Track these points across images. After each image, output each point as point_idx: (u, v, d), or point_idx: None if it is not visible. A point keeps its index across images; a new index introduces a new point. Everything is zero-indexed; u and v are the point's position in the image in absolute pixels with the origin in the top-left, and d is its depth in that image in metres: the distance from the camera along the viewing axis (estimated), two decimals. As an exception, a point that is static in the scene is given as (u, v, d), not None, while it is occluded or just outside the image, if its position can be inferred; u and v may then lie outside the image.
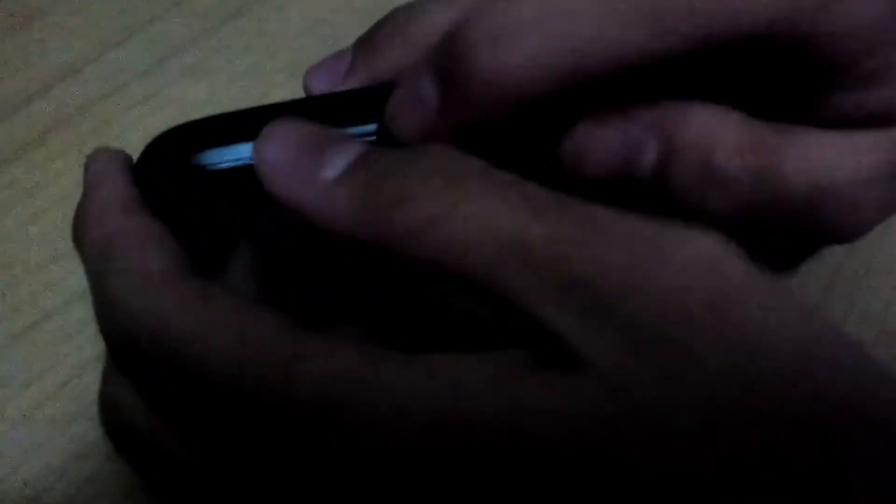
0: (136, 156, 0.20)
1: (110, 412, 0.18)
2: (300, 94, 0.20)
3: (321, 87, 0.20)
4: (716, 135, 0.18)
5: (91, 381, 0.23)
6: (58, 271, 0.25)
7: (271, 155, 0.16)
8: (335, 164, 0.16)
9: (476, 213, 0.14)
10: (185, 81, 0.28)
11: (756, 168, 0.18)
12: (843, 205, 0.18)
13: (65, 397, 0.23)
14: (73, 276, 0.25)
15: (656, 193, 0.19)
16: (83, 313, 0.24)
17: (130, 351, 0.17)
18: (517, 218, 0.14)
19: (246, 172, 0.17)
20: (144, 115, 0.27)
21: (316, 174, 0.16)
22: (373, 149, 0.16)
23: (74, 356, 0.24)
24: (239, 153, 0.17)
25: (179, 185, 0.18)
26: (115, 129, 0.27)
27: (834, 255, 0.24)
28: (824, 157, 0.18)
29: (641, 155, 0.18)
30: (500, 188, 0.14)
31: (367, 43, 0.20)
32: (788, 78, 0.18)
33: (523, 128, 0.18)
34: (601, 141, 0.18)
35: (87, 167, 0.20)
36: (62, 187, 0.26)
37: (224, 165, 0.18)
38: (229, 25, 0.28)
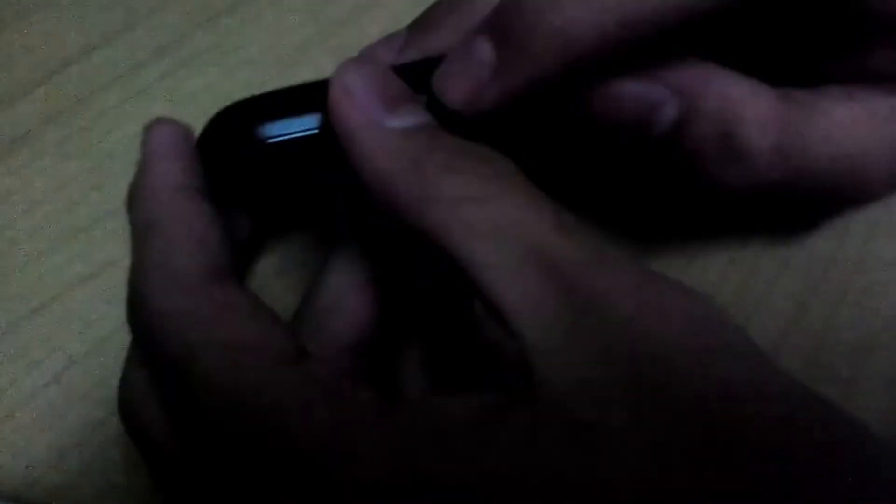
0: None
1: (124, 393, 0.18)
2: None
3: None
4: (738, 108, 0.17)
5: (89, 369, 0.23)
6: (54, 260, 0.25)
7: (350, 80, 0.16)
8: (403, 118, 0.16)
9: (509, 210, 0.15)
10: (180, 75, 0.28)
11: (778, 147, 0.17)
12: (863, 175, 0.18)
13: (63, 384, 0.23)
14: (70, 265, 0.25)
15: (672, 159, 0.18)
16: (80, 302, 0.25)
17: (144, 343, 0.17)
18: (542, 229, 0.15)
19: (308, 144, 0.18)
20: (139, 108, 0.27)
21: (382, 118, 0.16)
22: (438, 125, 0.17)
23: (72, 344, 0.24)
24: (302, 125, 0.18)
25: (243, 158, 0.19)
26: (110, 121, 0.27)
27: (825, 245, 0.24)
28: (848, 130, 0.18)
29: (661, 111, 0.18)
30: (538, 200, 0.15)
31: (421, 23, 0.20)
32: (830, 29, 0.18)
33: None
34: (624, 89, 0.18)
35: (145, 136, 0.20)
36: (57, 179, 0.26)
37: (287, 137, 0.18)
38: (224, 18, 0.29)
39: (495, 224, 0.14)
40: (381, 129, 0.16)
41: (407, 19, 0.21)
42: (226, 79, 0.28)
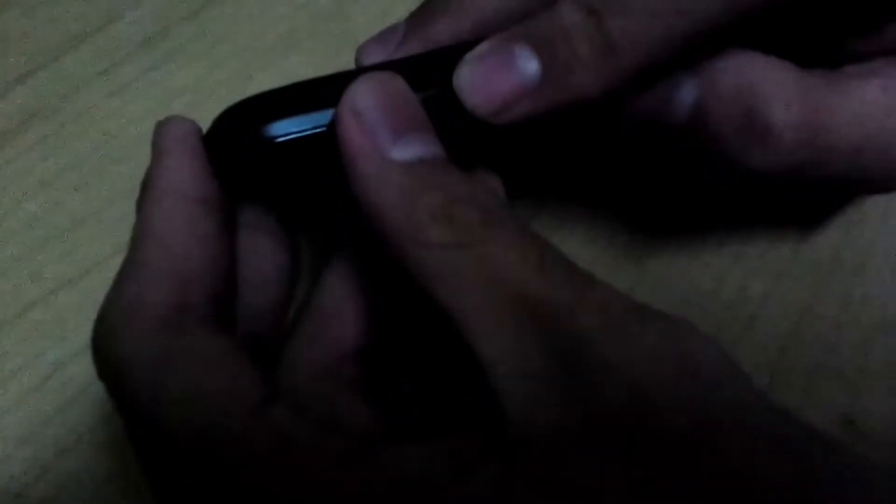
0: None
1: None
2: (284, 77, 0.20)
3: (373, 60, 0.19)
4: (761, 83, 0.17)
5: (75, 373, 0.23)
6: (40, 261, 0.24)
7: (361, 100, 0.16)
8: (407, 150, 0.16)
9: (494, 256, 0.15)
10: (167, 67, 0.27)
11: (804, 122, 0.17)
12: (891, 154, 0.18)
13: (49, 390, 0.23)
14: (56, 265, 0.24)
15: (692, 146, 0.18)
16: (66, 303, 0.24)
17: (102, 376, 0.17)
18: (525, 272, 0.14)
19: (317, 143, 0.18)
20: (125, 102, 0.27)
21: (387, 146, 0.16)
22: (445, 158, 0.17)
23: (58, 348, 0.23)
24: (310, 123, 0.18)
25: (250, 158, 0.18)
26: (96, 116, 0.26)
27: (830, 241, 0.23)
28: (875, 107, 0.17)
29: (678, 95, 0.17)
30: (523, 242, 0.15)
31: (420, 13, 0.20)
32: (851, 5, 0.17)
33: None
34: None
35: (155, 134, 0.19)
36: (43, 176, 0.26)
37: (295, 136, 0.18)
38: (208, 10, 0.28)
39: (478, 271, 0.15)
40: (383, 160, 0.16)
41: (395, 10, 0.20)
42: (212, 71, 0.27)
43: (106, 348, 0.16)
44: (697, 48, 0.16)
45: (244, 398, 0.15)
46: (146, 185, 0.18)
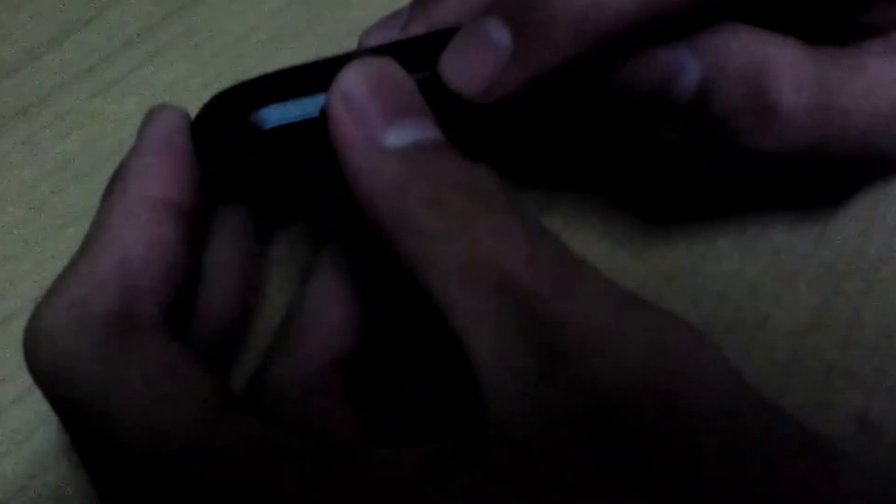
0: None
1: None
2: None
3: (376, 42, 0.19)
4: (770, 64, 0.16)
5: (59, 384, 0.22)
6: (21, 268, 0.24)
7: (352, 85, 0.16)
8: (400, 136, 0.16)
9: (484, 245, 0.14)
10: (153, 65, 0.26)
11: (815, 104, 0.16)
12: None
13: (31, 402, 0.22)
14: (38, 272, 0.24)
15: (694, 129, 0.17)
16: (49, 312, 0.23)
17: (38, 377, 0.16)
18: (516, 262, 0.14)
19: (306, 130, 0.17)
20: (110, 102, 0.26)
21: (379, 132, 0.15)
22: (442, 141, 0.16)
23: (40, 358, 0.22)
24: (300, 110, 0.17)
25: (239, 147, 0.18)
26: (77, 119, 0.26)
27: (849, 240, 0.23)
28: (890, 86, 0.17)
29: (682, 75, 0.16)
30: (516, 230, 0.15)
31: None
32: None
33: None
34: (639, 55, 0.17)
35: (143, 122, 0.19)
36: (20, 182, 0.25)
37: (285, 123, 0.17)
38: (199, 4, 0.27)
39: (467, 261, 0.14)
40: (376, 148, 0.15)
41: (397, 3, 0.20)
42: (201, 68, 0.26)
43: (46, 351, 0.15)
44: (686, 16, 0.16)
45: (199, 404, 0.14)
46: (116, 179, 0.17)
